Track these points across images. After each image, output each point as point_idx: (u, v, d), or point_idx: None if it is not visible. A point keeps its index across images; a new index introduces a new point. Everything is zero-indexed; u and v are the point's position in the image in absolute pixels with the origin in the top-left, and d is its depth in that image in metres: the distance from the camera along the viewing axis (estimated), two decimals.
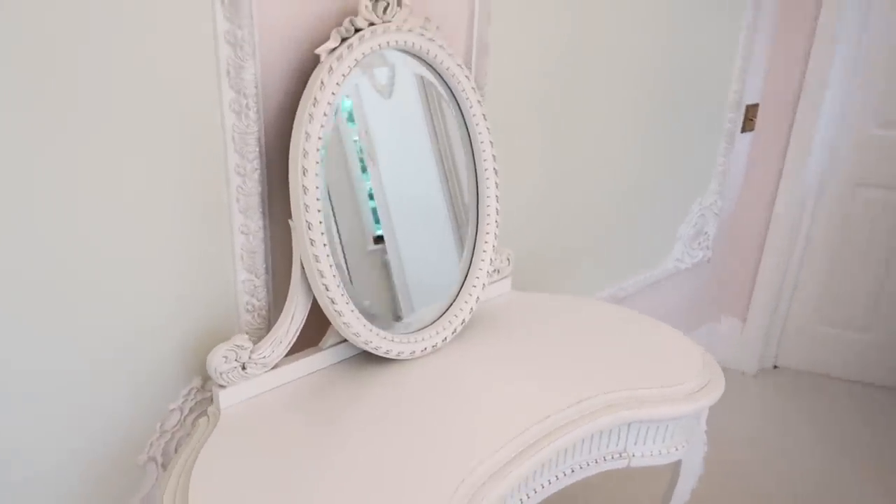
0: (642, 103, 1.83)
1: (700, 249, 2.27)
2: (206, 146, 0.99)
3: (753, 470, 2.13)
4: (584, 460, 1.15)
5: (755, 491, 2.02)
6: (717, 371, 1.25)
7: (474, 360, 1.20)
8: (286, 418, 1.03)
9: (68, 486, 1.01)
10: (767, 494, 2.01)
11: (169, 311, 1.04)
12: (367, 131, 1.11)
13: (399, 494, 0.88)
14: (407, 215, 1.19)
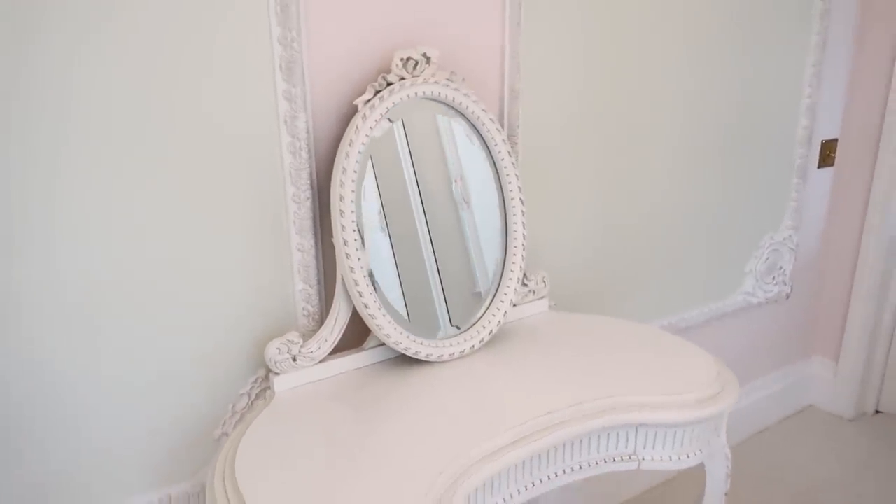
0: (699, 140, 1.92)
1: (775, 284, 2.26)
2: (270, 180, 1.25)
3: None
4: (593, 459, 1.26)
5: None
6: (733, 384, 1.32)
7: (497, 366, 1.36)
8: (328, 403, 1.24)
9: (158, 457, 1.27)
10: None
11: (241, 314, 1.29)
12: (404, 169, 1.32)
13: (403, 468, 1.05)
14: (443, 242, 1.38)
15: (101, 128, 1.08)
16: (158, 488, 1.28)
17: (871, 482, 2.19)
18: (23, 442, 1.14)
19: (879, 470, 2.26)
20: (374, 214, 1.28)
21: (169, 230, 1.18)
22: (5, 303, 1.07)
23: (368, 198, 1.27)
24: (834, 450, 2.37)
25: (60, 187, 1.07)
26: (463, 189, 1.39)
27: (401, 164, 1.31)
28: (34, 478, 1.16)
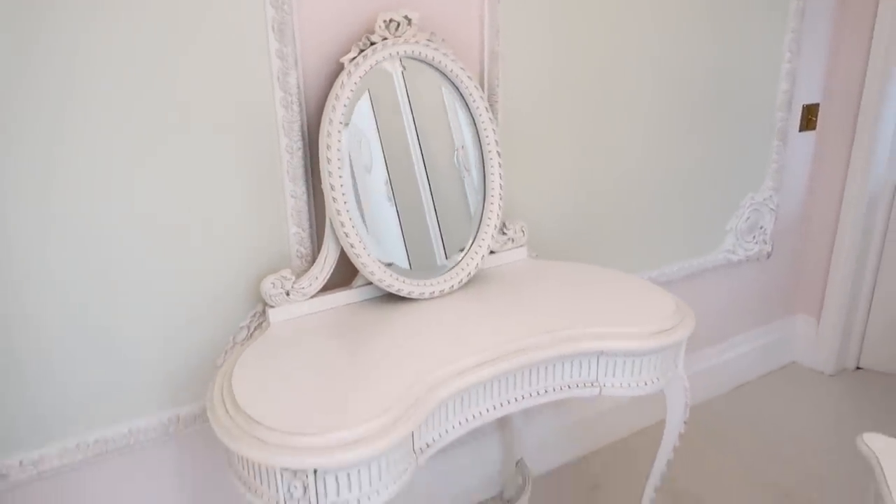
0: (678, 102, 2.02)
1: (756, 243, 2.36)
2: (265, 132, 1.38)
3: (818, 467, 2.17)
4: (557, 384, 1.39)
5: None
6: (688, 319, 1.43)
7: (472, 302, 1.49)
8: (318, 332, 1.37)
9: (168, 382, 1.42)
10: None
11: (241, 256, 1.43)
12: (394, 121, 1.45)
13: (382, 381, 1.18)
14: (429, 190, 1.51)
15: (105, 85, 1.22)
16: (169, 409, 1.44)
17: (848, 434, 2.30)
18: (40, 360, 1.29)
19: (857, 422, 2.36)
20: (379, 174, 1.42)
21: (175, 179, 1.32)
22: (30, 235, 1.21)
23: (374, 155, 1.41)
24: (813, 403, 2.48)
25: (71, 144, 1.21)
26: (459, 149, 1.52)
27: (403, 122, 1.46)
28: (54, 399, 1.31)
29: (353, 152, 1.41)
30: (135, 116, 1.25)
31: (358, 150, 1.43)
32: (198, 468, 1.51)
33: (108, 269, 1.30)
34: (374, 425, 1.07)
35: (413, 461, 1.19)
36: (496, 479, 2.02)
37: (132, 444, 1.41)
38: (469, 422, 1.29)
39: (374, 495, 1.11)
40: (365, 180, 1.43)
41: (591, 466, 2.12)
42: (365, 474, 1.08)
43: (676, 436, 1.55)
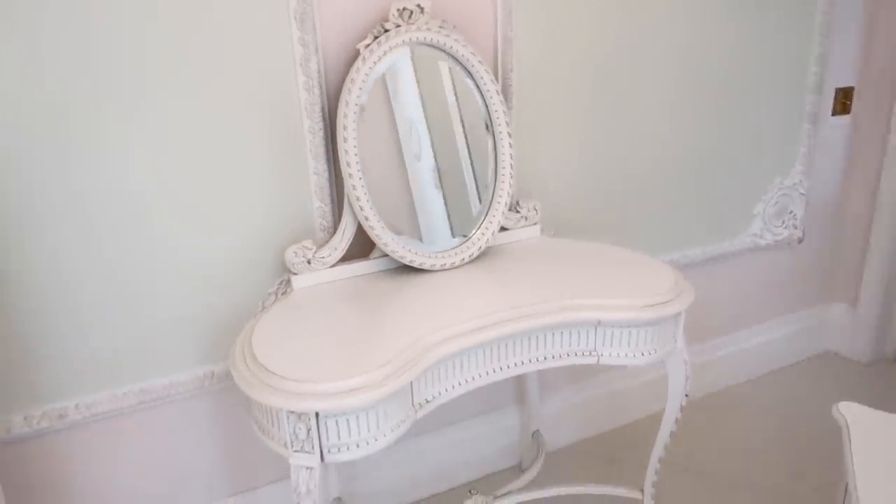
0: (702, 83, 2.05)
1: (785, 228, 2.36)
2: (290, 114, 1.51)
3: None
4: (556, 352, 1.47)
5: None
6: (687, 294, 1.48)
7: (481, 274, 1.58)
8: (336, 298, 1.50)
9: (203, 341, 1.57)
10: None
11: (269, 228, 1.57)
12: (409, 103, 1.56)
13: (387, 340, 1.29)
14: (442, 169, 1.61)
15: (145, 67, 1.37)
16: (204, 366, 1.59)
17: None
18: (93, 319, 1.46)
19: (893, 412, 2.33)
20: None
21: (210, 160, 1.47)
22: (80, 204, 1.38)
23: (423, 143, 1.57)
24: (846, 392, 2.45)
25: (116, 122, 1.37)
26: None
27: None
28: (100, 352, 1.48)
29: (403, 140, 1.55)
30: (171, 98, 1.40)
31: (408, 138, 1.55)
32: (228, 419, 1.66)
33: (146, 238, 1.46)
34: (372, 377, 1.18)
35: (412, 414, 1.30)
36: (515, 451, 2.11)
37: (172, 395, 1.57)
38: (469, 383, 1.39)
39: (372, 441, 1.22)
40: (415, 167, 1.57)
41: (609, 443, 2.18)
42: (363, 421, 1.20)
43: (678, 408, 1.61)
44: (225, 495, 1.73)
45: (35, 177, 1.33)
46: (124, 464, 1.58)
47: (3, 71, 1.26)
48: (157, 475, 1.62)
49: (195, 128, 1.44)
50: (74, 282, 1.42)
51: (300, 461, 1.20)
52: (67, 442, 1.51)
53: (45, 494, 1.52)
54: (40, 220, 1.36)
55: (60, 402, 1.47)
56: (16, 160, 1.31)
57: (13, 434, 1.44)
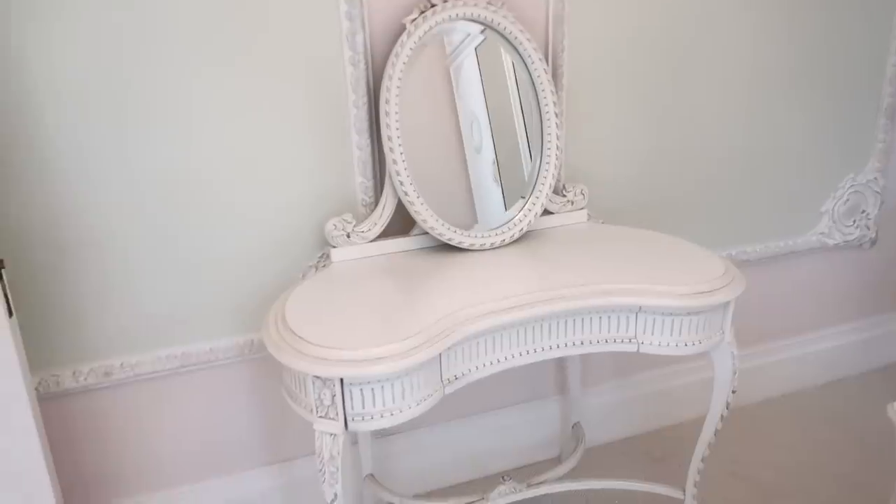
0: (770, 72, 1.96)
1: (856, 228, 2.22)
2: (335, 88, 1.52)
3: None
4: (594, 337, 1.42)
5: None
6: (736, 284, 1.41)
7: (522, 256, 1.55)
8: (371, 271, 1.50)
9: (246, 310, 1.60)
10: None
11: (312, 202, 1.59)
12: (460, 80, 1.55)
13: (420, 314, 1.28)
14: (477, 142, 1.59)
15: (201, 41, 1.40)
16: (244, 334, 1.62)
17: None
18: (144, 281, 1.51)
19: None
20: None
21: (258, 133, 1.50)
22: (138, 173, 1.43)
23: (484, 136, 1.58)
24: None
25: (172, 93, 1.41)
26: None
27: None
28: (147, 314, 1.53)
29: (465, 136, 1.56)
30: (222, 73, 1.43)
31: (470, 133, 1.56)
32: (266, 389, 1.69)
33: (193, 204, 1.50)
34: (398, 346, 1.17)
35: (440, 389, 1.28)
36: (555, 443, 2.06)
37: (212, 361, 1.61)
38: (501, 363, 1.36)
39: (397, 412, 1.21)
40: (475, 160, 1.57)
41: (654, 442, 2.11)
42: (388, 391, 1.19)
43: (724, 404, 1.53)
44: (260, 464, 1.75)
45: (94, 145, 1.39)
46: (164, 425, 1.63)
47: (68, 51, 1.32)
48: (194, 438, 1.66)
49: (243, 101, 1.47)
50: (129, 244, 1.48)
51: (324, 427, 1.21)
52: (112, 399, 1.57)
53: (87, 448, 1.58)
54: (99, 187, 1.41)
55: (107, 360, 1.53)
56: (77, 133, 1.37)
57: (62, 388, 1.50)
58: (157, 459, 1.65)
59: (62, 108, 1.35)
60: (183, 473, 1.69)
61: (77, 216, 1.42)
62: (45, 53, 1.31)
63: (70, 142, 1.37)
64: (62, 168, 1.38)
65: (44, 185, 1.38)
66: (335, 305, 1.35)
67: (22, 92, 1.32)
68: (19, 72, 1.30)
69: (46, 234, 1.41)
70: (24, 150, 1.35)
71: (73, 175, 1.39)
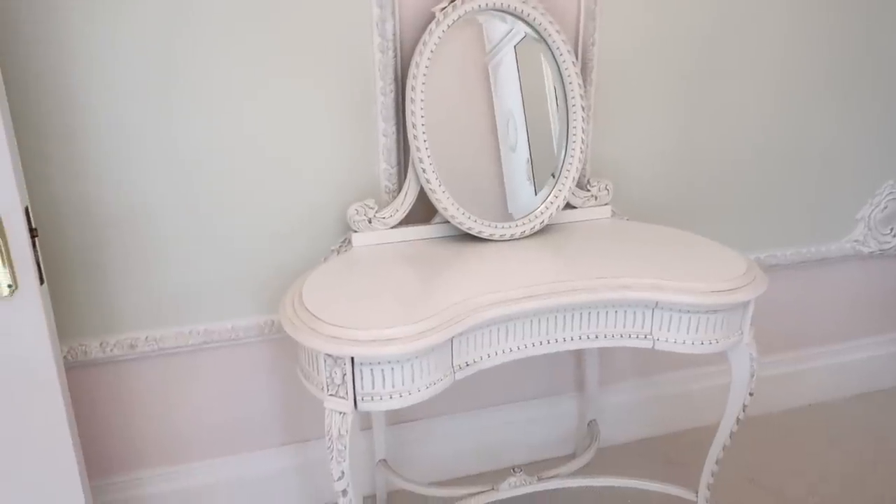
0: (808, 71, 1.92)
1: (894, 237, 2.16)
2: (363, 75, 1.54)
3: None
4: (609, 332, 1.41)
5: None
6: (757, 283, 1.38)
7: (542, 249, 1.55)
8: (390, 257, 1.51)
9: (268, 291, 1.63)
10: None
11: (337, 187, 1.61)
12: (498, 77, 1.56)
13: (427, 299, 1.29)
14: (512, 140, 1.60)
15: (234, 32, 1.44)
16: (265, 314, 1.65)
17: None
18: (175, 257, 1.55)
19: None
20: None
21: (289, 119, 1.52)
22: (174, 150, 1.47)
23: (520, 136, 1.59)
24: None
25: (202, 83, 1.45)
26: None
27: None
28: (174, 290, 1.57)
29: (500, 132, 1.57)
30: (255, 56, 1.46)
31: (505, 131, 1.57)
32: (285, 370, 1.72)
33: (225, 186, 1.53)
34: (409, 329, 1.18)
35: (450, 375, 1.29)
36: (571, 440, 2.05)
37: (234, 339, 1.64)
38: (513, 352, 1.37)
39: (406, 395, 1.22)
40: (510, 158, 1.58)
41: (671, 444, 2.08)
42: (398, 373, 1.21)
43: (740, 407, 1.51)
44: (277, 443, 1.79)
45: (135, 124, 1.43)
46: (185, 399, 1.67)
47: (118, 39, 1.36)
48: (214, 414, 1.70)
49: (276, 85, 1.50)
50: (161, 223, 1.52)
51: (334, 405, 1.23)
52: (136, 371, 1.61)
53: (111, 419, 1.63)
54: (136, 167, 1.46)
55: (133, 332, 1.57)
56: (121, 113, 1.42)
57: (89, 357, 1.55)
58: (178, 433, 1.70)
59: (108, 87, 1.40)
60: (201, 449, 1.73)
61: (113, 193, 1.47)
62: (89, 30, 1.36)
63: (111, 121, 1.42)
64: (102, 146, 1.43)
65: (84, 162, 1.43)
66: (352, 288, 1.37)
67: (65, 71, 1.36)
68: (60, 48, 1.35)
69: (83, 209, 1.46)
70: (64, 127, 1.40)
71: (111, 153, 1.44)
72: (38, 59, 1.34)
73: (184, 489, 1.72)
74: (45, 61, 1.35)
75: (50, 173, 1.42)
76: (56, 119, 1.39)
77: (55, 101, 1.38)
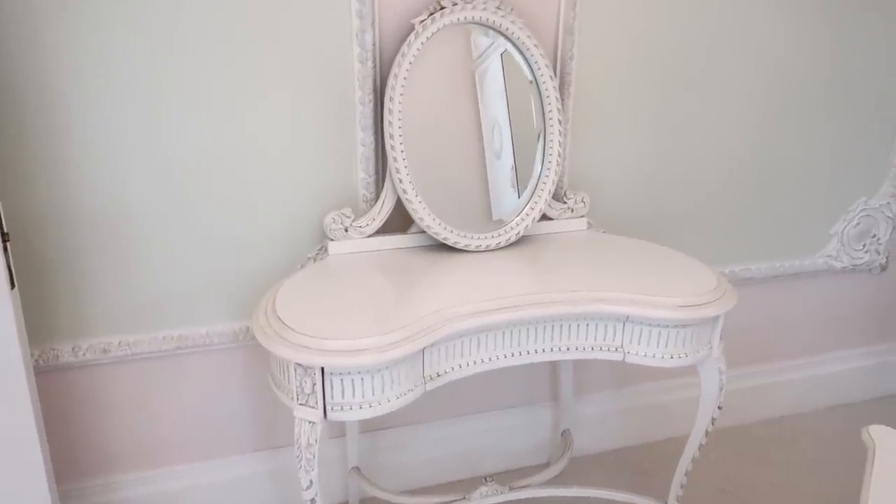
0: (780, 91, 1.95)
1: (866, 252, 2.20)
2: (342, 85, 1.55)
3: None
4: (580, 344, 1.43)
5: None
6: (727, 299, 1.41)
7: (517, 260, 1.56)
8: (366, 266, 1.52)
9: (242, 297, 1.63)
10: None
11: (314, 195, 1.62)
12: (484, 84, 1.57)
13: (400, 310, 1.30)
14: (497, 147, 1.61)
15: (206, 44, 1.44)
16: (240, 321, 1.66)
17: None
18: (145, 265, 1.55)
19: None
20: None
21: (270, 126, 1.53)
22: (155, 153, 1.47)
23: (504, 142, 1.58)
24: None
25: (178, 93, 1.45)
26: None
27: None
28: (149, 299, 1.58)
29: (486, 139, 1.59)
30: (236, 64, 1.47)
31: (491, 137, 1.59)
32: (258, 377, 1.72)
33: (202, 191, 1.53)
34: (380, 340, 1.19)
35: (421, 385, 1.30)
36: (545, 449, 2.07)
37: (208, 345, 1.64)
38: (485, 363, 1.38)
39: (376, 405, 1.23)
40: (495, 165, 1.60)
41: (643, 455, 2.10)
42: (368, 383, 1.21)
43: (709, 420, 1.53)
44: (251, 449, 1.79)
45: (117, 127, 1.43)
46: (159, 404, 1.67)
47: (110, 46, 1.36)
48: (188, 420, 1.70)
49: (257, 92, 1.50)
50: (136, 226, 1.52)
51: (303, 415, 1.23)
52: (110, 376, 1.61)
53: (83, 423, 1.63)
54: (111, 171, 1.46)
55: (106, 337, 1.57)
56: (108, 116, 1.42)
57: (61, 362, 1.54)
58: (151, 438, 1.69)
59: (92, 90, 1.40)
60: (175, 454, 1.73)
61: (91, 197, 1.47)
62: (72, 33, 1.36)
63: (96, 124, 1.42)
64: (84, 149, 1.43)
65: (57, 164, 1.43)
66: (325, 297, 1.37)
67: (45, 69, 1.36)
68: (43, 48, 1.35)
69: (55, 212, 1.45)
70: (35, 130, 1.40)
71: (92, 157, 1.44)
72: (20, 59, 1.34)
73: (157, 493, 1.72)
74: (28, 61, 1.35)
75: (31, 174, 1.41)
76: (37, 120, 1.39)
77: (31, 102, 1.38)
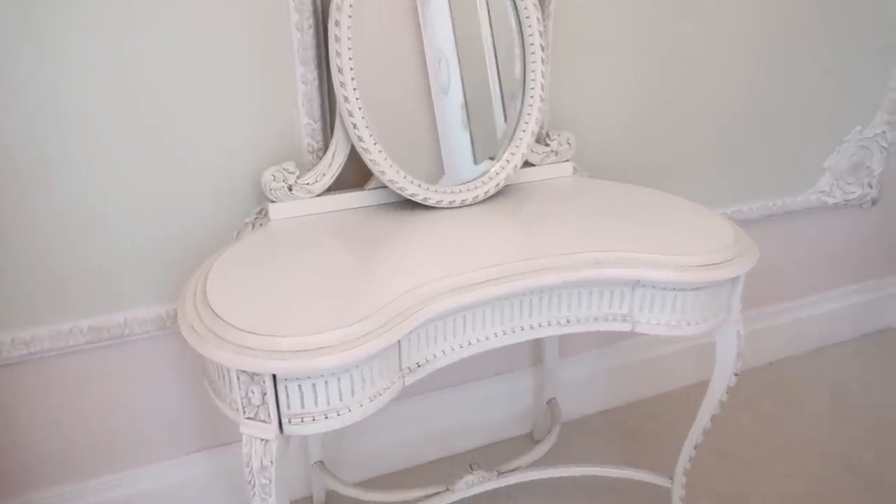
0: (775, 13, 1.72)
1: (858, 186, 2.04)
2: (273, 8, 1.23)
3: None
4: (583, 315, 1.20)
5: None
6: (748, 255, 1.20)
7: (498, 216, 1.31)
8: (318, 232, 1.24)
9: (167, 275, 1.34)
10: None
11: (248, 146, 1.31)
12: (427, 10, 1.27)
13: (367, 289, 1.04)
14: (454, 90, 1.33)
15: None
16: (166, 304, 1.37)
17: None
18: (42, 238, 1.23)
19: None
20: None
21: (192, 63, 1.22)
22: (45, 112, 1.14)
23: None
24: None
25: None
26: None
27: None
28: (48, 282, 1.27)
29: (430, 72, 1.29)
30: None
31: (436, 70, 1.29)
32: (195, 366, 1.44)
33: (113, 140, 1.21)
34: (345, 333, 0.93)
35: (398, 381, 1.05)
36: (527, 418, 1.88)
37: (128, 335, 1.35)
38: (472, 345, 1.14)
39: (345, 411, 0.98)
40: (443, 103, 1.30)
41: (633, 416, 1.94)
42: (334, 387, 0.96)
43: (724, 389, 1.34)
44: (192, 450, 1.53)
45: None
46: (75, 409, 1.38)
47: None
48: (113, 423, 1.42)
49: (169, 22, 1.18)
50: (30, 187, 1.20)
51: (253, 431, 0.97)
52: (6, 381, 1.31)
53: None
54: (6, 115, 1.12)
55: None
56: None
57: None
58: (68, 448, 1.41)
59: None
60: (102, 463, 1.45)
61: None
62: None
63: None
64: None
65: None
66: (269, 276, 1.09)
67: None
68: None
69: None
70: None
71: None
72: None
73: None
74: None
75: None
76: None
77: None
